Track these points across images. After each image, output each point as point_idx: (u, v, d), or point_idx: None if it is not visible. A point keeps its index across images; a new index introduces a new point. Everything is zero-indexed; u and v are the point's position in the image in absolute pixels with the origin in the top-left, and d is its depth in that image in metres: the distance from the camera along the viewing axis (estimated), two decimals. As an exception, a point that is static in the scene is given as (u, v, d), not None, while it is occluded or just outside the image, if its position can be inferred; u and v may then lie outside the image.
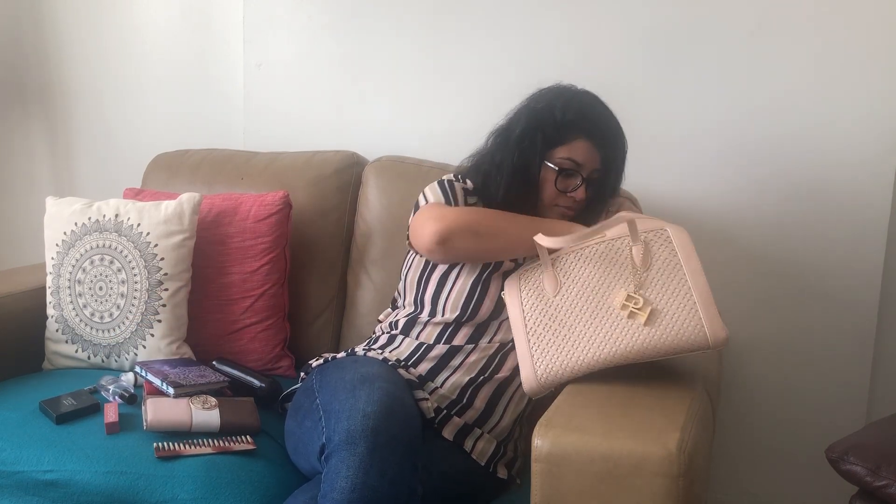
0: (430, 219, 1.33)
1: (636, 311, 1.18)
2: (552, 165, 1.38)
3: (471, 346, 1.39)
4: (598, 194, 1.42)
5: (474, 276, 1.39)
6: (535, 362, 1.22)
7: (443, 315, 1.41)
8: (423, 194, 1.45)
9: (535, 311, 1.25)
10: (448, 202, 1.41)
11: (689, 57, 1.70)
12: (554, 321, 1.23)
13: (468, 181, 1.46)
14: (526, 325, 1.25)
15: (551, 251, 1.29)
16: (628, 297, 1.19)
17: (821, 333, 1.69)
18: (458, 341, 1.39)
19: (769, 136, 1.68)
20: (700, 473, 1.03)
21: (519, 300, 1.27)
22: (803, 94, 1.64)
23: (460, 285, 1.40)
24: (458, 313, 1.39)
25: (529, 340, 1.23)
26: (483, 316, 1.39)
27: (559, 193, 1.39)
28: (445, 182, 1.45)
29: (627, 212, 1.31)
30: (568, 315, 1.22)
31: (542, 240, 1.25)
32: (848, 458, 1.14)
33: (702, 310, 1.16)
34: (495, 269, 1.40)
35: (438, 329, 1.41)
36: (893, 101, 1.59)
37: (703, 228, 1.69)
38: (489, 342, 1.39)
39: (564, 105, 1.38)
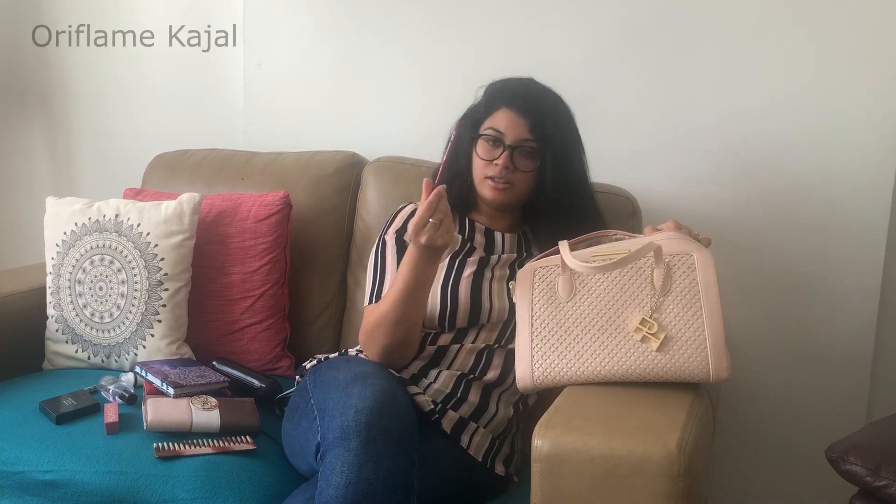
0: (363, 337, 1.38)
1: (650, 335, 1.16)
2: (477, 136, 1.41)
3: (456, 346, 1.40)
4: (535, 170, 1.39)
5: (440, 292, 1.39)
6: (534, 363, 1.21)
7: (425, 325, 1.41)
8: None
9: (544, 312, 1.24)
10: (375, 270, 1.44)
11: (689, 57, 1.70)
12: (561, 327, 1.22)
13: None
14: (532, 324, 1.24)
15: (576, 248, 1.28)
16: (643, 321, 1.18)
17: (821, 333, 1.69)
18: (442, 342, 1.41)
19: (769, 136, 1.68)
20: (700, 473, 1.03)
21: (530, 298, 1.26)
22: (803, 94, 1.64)
23: (431, 297, 1.38)
24: (437, 329, 1.41)
25: (533, 340, 1.23)
26: (461, 324, 1.40)
27: (486, 163, 1.40)
28: (379, 248, 1.46)
29: (667, 237, 1.25)
30: (576, 324, 1.21)
31: (564, 248, 1.23)
32: (848, 458, 1.14)
33: (710, 347, 1.15)
34: (457, 279, 1.40)
35: (422, 333, 1.42)
36: (893, 102, 1.59)
37: (703, 229, 1.67)
38: (473, 343, 1.40)
39: (491, 86, 1.44)
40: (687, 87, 1.71)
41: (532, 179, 1.41)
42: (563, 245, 1.24)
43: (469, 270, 1.41)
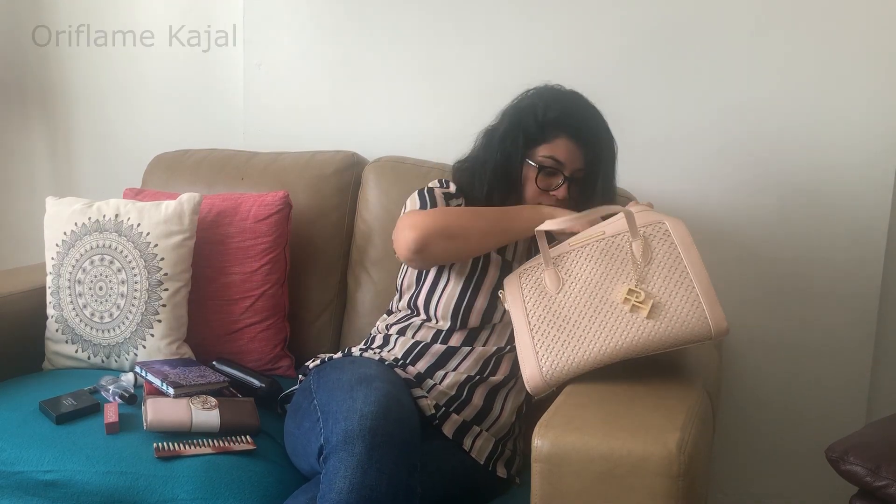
0: (405, 228, 1.35)
1: (638, 304, 1.17)
2: (533, 164, 1.39)
3: (467, 349, 1.39)
4: (584, 195, 1.41)
5: (461, 285, 1.40)
6: (540, 360, 1.21)
7: (436, 322, 1.42)
8: (405, 205, 1.47)
9: (538, 308, 1.25)
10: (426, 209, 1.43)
11: (688, 57, 1.70)
12: (558, 318, 1.23)
13: (451, 184, 1.49)
14: (529, 322, 1.24)
15: (552, 244, 1.30)
16: (630, 292, 1.19)
17: (821, 333, 1.69)
18: (453, 343, 1.40)
19: (769, 135, 1.68)
20: (700, 473, 1.03)
21: (521, 299, 1.27)
22: (803, 93, 1.64)
23: (448, 293, 1.40)
24: (449, 323, 1.41)
25: (534, 338, 1.23)
26: (474, 323, 1.40)
27: (541, 192, 1.40)
28: (426, 190, 1.47)
29: (634, 210, 1.30)
30: (572, 312, 1.22)
31: (546, 226, 1.25)
32: (848, 458, 1.14)
33: (704, 301, 1.16)
34: (481, 277, 1.41)
35: (433, 332, 1.42)
36: (893, 101, 1.59)
37: (703, 228, 1.69)
38: (484, 346, 1.40)
39: (547, 104, 1.40)
40: (686, 86, 1.71)
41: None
42: (540, 234, 1.26)
43: (491, 275, 1.42)
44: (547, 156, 1.39)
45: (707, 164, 1.72)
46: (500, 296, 1.33)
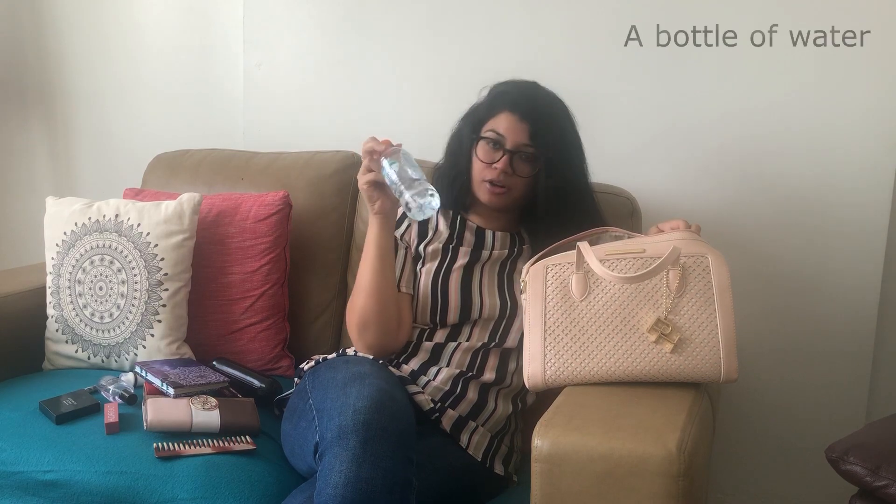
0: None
1: (665, 336, 1.17)
2: (477, 138, 1.42)
3: (454, 344, 1.41)
4: (541, 175, 1.39)
5: (430, 288, 1.42)
6: (546, 362, 1.21)
7: (417, 321, 1.44)
8: None
9: (557, 311, 1.23)
10: None
11: (688, 57, 1.70)
12: (575, 326, 1.21)
13: None
14: (545, 322, 1.23)
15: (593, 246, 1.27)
16: (658, 322, 1.18)
17: (821, 333, 1.69)
18: (438, 339, 1.42)
19: (769, 136, 1.68)
20: (700, 473, 1.03)
21: (543, 296, 1.24)
22: (803, 94, 1.64)
23: (422, 298, 1.42)
24: (430, 325, 1.42)
25: (545, 339, 1.22)
26: (453, 320, 1.41)
27: (485, 166, 1.41)
28: None
29: (680, 237, 1.26)
30: (591, 324, 1.21)
31: (587, 251, 1.22)
32: (848, 458, 1.14)
33: (723, 350, 1.17)
34: (446, 277, 1.42)
35: (419, 330, 1.44)
36: (893, 101, 1.59)
37: (703, 229, 1.69)
38: (468, 341, 1.41)
39: (495, 86, 1.45)
40: (686, 86, 1.71)
41: (529, 184, 1.41)
42: (586, 247, 1.23)
43: (459, 264, 1.43)
44: (489, 129, 1.41)
45: (706, 165, 1.72)
46: (522, 284, 1.30)
